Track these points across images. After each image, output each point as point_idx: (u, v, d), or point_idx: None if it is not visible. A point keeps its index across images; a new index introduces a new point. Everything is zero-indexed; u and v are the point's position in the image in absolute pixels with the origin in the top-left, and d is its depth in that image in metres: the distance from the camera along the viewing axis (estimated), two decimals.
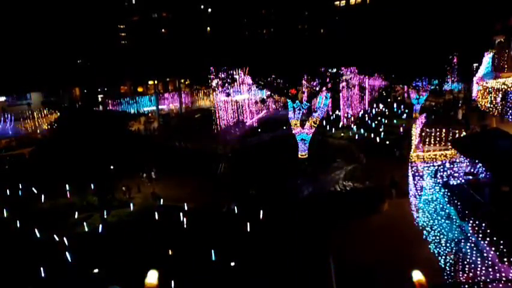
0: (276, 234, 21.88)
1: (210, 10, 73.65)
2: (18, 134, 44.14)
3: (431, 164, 23.88)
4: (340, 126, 48.95)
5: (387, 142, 38.40)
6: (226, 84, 45.65)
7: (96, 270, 19.38)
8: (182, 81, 69.96)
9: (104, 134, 28.59)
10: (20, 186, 31.49)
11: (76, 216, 26.30)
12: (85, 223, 24.91)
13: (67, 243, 22.19)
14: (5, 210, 27.38)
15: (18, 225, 25.16)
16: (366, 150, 36.87)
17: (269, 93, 39.69)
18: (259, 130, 48.71)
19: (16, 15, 47.74)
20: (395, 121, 48.65)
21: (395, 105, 58.55)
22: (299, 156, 35.90)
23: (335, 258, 17.65)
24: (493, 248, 15.38)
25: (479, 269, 15.76)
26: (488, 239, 15.63)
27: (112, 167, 31.68)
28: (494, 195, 18.39)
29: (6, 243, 23.00)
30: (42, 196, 29.31)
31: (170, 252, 20.66)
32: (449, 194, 19.16)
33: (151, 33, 64.74)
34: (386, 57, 43.42)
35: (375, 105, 58.69)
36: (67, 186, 30.06)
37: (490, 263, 15.59)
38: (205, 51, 53.71)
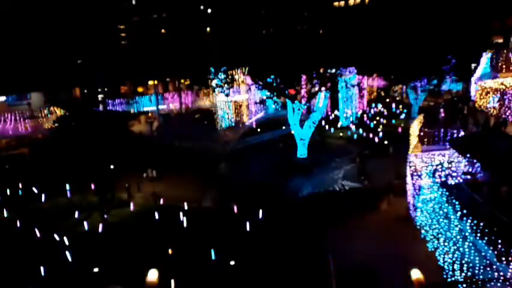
0: (276, 233, 21.98)
1: (209, 10, 73.54)
2: (18, 133, 44.20)
3: (430, 164, 23.99)
4: (339, 126, 49.02)
5: (386, 142, 38.49)
6: (226, 85, 45.65)
7: (96, 270, 19.47)
8: (182, 81, 69.99)
9: (104, 133, 28.63)
10: (20, 186, 31.54)
11: (76, 216, 26.36)
12: (85, 222, 24.99)
13: (67, 243, 22.27)
14: (5, 209, 27.42)
15: (18, 224, 25.22)
16: (365, 150, 36.94)
17: (268, 93, 39.69)
18: (258, 130, 48.78)
19: (16, 15, 47.72)
20: (393, 121, 48.74)
21: (393, 105, 58.66)
22: (298, 156, 35.99)
23: (334, 258, 17.78)
24: (491, 248, 15.50)
25: (477, 268, 15.87)
26: (486, 238, 15.76)
27: (112, 167, 31.71)
28: (493, 194, 18.53)
29: (7, 243, 23.06)
30: (43, 195, 29.37)
31: (170, 252, 20.75)
32: (447, 193, 19.27)
33: (151, 34, 64.66)
34: (385, 58, 43.47)
35: (373, 105, 58.78)
36: (67, 185, 30.12)
37: (488, 262, 15.70)
38: (204, 51, 53.67)
